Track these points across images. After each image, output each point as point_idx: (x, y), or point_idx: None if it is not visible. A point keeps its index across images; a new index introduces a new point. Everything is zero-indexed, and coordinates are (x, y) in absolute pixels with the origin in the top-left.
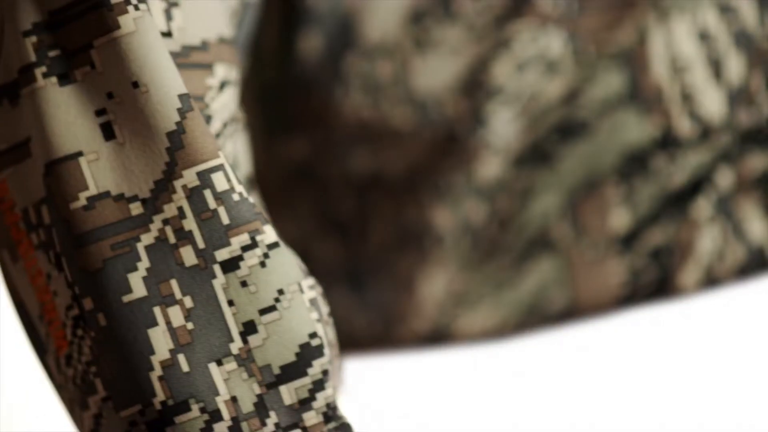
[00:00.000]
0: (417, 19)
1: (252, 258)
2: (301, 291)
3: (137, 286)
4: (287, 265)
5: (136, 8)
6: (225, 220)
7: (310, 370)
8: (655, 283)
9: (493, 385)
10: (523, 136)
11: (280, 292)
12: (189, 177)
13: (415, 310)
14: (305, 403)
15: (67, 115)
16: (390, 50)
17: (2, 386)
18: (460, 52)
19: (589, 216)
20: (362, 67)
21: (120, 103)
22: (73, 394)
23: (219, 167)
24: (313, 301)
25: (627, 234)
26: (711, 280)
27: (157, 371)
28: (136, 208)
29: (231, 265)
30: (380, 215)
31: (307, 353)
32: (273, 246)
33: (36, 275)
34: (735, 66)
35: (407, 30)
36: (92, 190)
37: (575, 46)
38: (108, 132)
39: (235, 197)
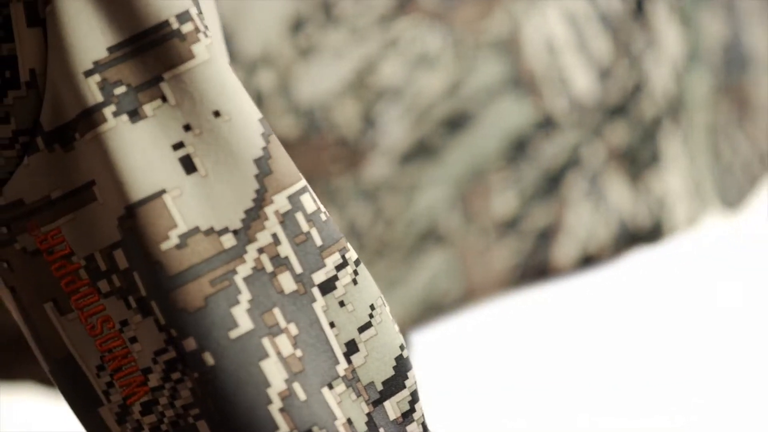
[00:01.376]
0: (298, 27)
1: (345, 277)
2: (384, 304)
3: (243, 320)
4: (370, 279)
5: (206, 35)
6: (318, 241)
7: (407, 382)
8: (540, 263)
9: None
10: (409, 133)
11: (372, 307)
12: (280, 202)
13: None
14: (407, 416)
15: (143, 153)
16: (271, 61)
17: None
18: (345, 55)
19: (477, 204)
20: (241, 80)
21: (199, 135)
22: None
23: (305, 189)
24: (390, 313)
25: (513, 218)
26: (586, 257)
27: (277, 404)
28: (227, 241)
29: (328, 287)
30: None
31: (402, 365)
32: (358, 262)
33: (99, 324)
34: (601, 45)
35: (288, 39)
36: (182, 228)
37: (454, 38)
38: (188, 165)
39: (323, 217)
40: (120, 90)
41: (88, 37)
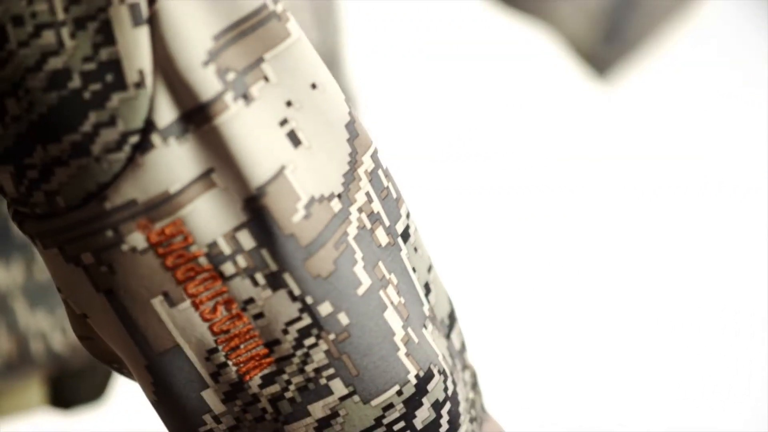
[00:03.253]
0: None
1: (412, 224)
2: None
3: (363, 277)
4: None
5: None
6: (394, 194)
7: (456, 315)
8: None
9: None
10: None
11: (424, 250)
12: (367, 162)
13: None
14: (464, 346)
15: (260, 134)
16: None
17: None
18: None
19: None
20: None
21: (300, 109)
22: (261, 411)
23: (377, 148)
24: None
25: None
26: None
27: (403, 349)
28: (336, 205)
29: (406, 235)
30: None
31: (451, 300)
32: None
33: (217, 307)
34: None
35: None
36: (304, 199)
37: None
38: (294, 139)
39: (390, 172)
40: (231, 76)
41: (197, 28)
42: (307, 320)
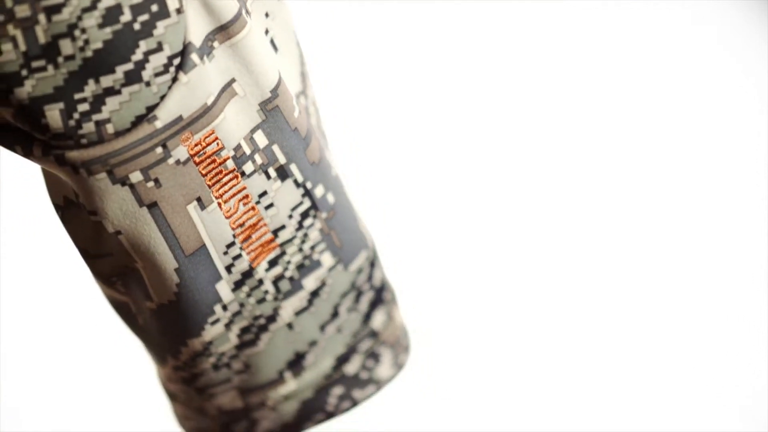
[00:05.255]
0: None
1: None
2: None
3: (331, 161)
4: None
5: None
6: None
7: None
8: None
9: None
10: None
11: None
12: (306, 63)
13: None
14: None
15: (262, 44)
16: None
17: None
18: None
19: None
20: None
21: (273, 18)
22: (263, 293)
23: None
24: None
25: None
26: None
27: (360, 220)
28: (302, 101)
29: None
30: None
31: None
32: None
33: (236, 204)
34: None
35: None
36: (293, 98)
37: None
38: (274, 46)
39: None
40: None
41: None
42: (307, 203)
